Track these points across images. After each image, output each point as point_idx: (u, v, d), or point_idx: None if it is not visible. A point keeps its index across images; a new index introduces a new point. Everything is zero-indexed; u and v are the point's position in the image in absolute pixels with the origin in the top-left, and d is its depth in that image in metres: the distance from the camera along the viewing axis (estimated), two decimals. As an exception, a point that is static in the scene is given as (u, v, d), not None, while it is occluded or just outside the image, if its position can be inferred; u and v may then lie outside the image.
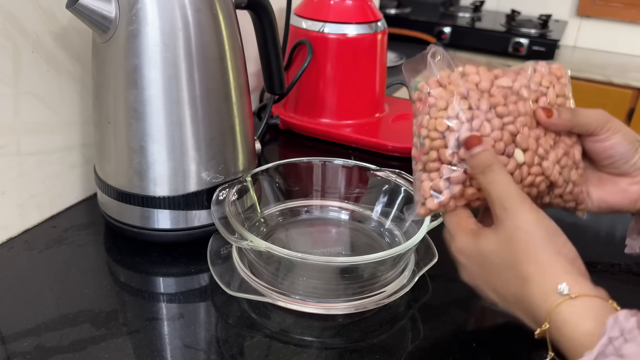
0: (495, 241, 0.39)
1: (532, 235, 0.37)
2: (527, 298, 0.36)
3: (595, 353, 0.30)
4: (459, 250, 0.42)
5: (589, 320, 0.33)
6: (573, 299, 0.34)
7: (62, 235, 0.61)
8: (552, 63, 0.50)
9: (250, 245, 0.48)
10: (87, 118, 0.65)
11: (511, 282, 0.38)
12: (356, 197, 0.65)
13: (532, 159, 0.45)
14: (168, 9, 0.51)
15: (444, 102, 0.45)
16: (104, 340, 0.47)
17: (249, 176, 0.60)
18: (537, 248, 0.37)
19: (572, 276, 0.36)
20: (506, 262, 0.38)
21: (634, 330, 0.30)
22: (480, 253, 0.40)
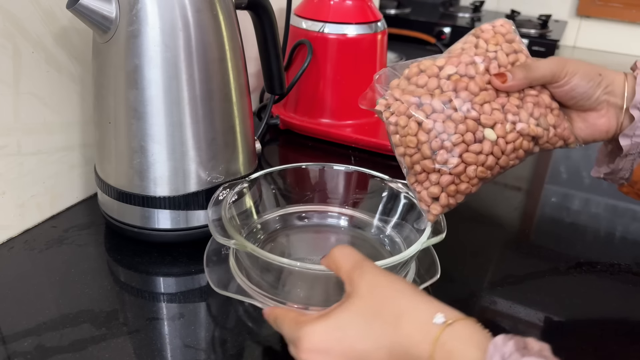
0: (356, 298, 0.37)
1: (387, 277, 0.38)
2: (405, 338, 0.34)
3: None
4: (313, 346, 0.36)
5: (471, 347, 0.32)
6: (451, 326, 0.33)
7: (62, 235, 0.61)
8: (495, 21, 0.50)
9: (235, 246, 0.48)
10: (87, 118, 0.65)
11: (384, 332, 0.35)
12: (356, 202, 0.64)
13: (504, 129, 0.46)
14: (168, 9, 0.51)
15: (404, 120, 0.46)
16: (104, 340, 0.47)
17: (249, 179, 0.60)
18: (399, 284, 0.37)
19: (435, 303, 0.36)
20: (373, 309, 0.36)
21: (513, 354, 0.30)
22: (340, 325, 0.36)
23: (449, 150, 0.46)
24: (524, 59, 0.49)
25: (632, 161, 0.51)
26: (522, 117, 0.46)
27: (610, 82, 0.49)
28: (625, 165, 0.52)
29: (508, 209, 0.46)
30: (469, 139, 0.45)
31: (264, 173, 0.61)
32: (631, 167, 0.52)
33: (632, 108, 0.48)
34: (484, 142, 0.45)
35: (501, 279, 0.57)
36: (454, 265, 0.57)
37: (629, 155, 0.51)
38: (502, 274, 0.58)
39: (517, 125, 0.46)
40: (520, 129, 0.46)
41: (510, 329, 0.51)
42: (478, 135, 0.45)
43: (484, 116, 0.45)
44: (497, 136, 0.45)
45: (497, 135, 0.45)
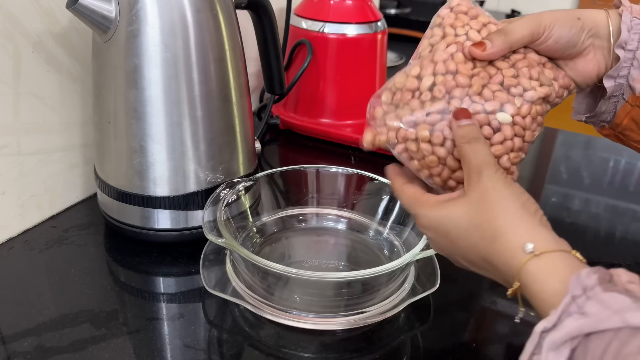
0: (465, 204, 0.39)
1: (501, 191, 0.38)
2: (496, 257, 0.37)
3: (559, 312, 0.31)
4: (426, 225, 0.42)
5: (553, 278, 0.34)
6: (538, 257, 0.35)
7: (62, 235, 0.61)
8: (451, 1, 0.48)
9: (224, 244, 0.48)
10: (87, 118, 0.65)
11: (481, 242, 0.38)
12: (355, 205, 0.64)
13: (515, 106, 0.43)
14: (168, 9, 0.51)
15: (413, 144, 0.43)
16: (104, 340, 0.47)
17: (249, 179, 0.60)
18: (505, 203, 0.38)
19: (536, 230, 0.37)
20: (475, 222, 0.39)
21: (595, 288, 0.31)
22: (448, 220, 0.40)
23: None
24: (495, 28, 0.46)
25: (615, 103, 0.50)
26: (524, 85, 0.44)
27: (592, 25, 0.47)
28: (608, 108, 0.50)
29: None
30: (487, 132, 0.42)
31: (263, 174, 0.61)
32: (614, 110, 0.50)
33: (616, 47, 0.47)
34: (503, 128, 0.43)
35: (501, 279, 0.57)
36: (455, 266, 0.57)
37: (612, 97, 0.49)
38: (502, 274, 0.58)
39: (525, 96, 0.44)
40: (530, 98, 0.44)
41: (510, 329, 0.51)
42: (494, 124, 0.43)
43: (487, 104, 0.43)
44: (511, 116, 0.43)
45: (511, 114, 0.43)
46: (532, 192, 0.82)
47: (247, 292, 0.50)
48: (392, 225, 0.61)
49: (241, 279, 0.52)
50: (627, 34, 0.46)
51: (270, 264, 0.47)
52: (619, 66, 0.47)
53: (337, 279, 0.50)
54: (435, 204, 0.41)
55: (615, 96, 0.49)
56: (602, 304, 0.30)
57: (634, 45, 0.46)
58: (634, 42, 0.46)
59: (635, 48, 0.46)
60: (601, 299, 0.30)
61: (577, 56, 0.48)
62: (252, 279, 0.51)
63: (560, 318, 0.31)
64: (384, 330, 0.50)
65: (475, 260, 0.39)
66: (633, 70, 0.47)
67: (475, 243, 0.39)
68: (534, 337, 0.31)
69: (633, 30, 0.46)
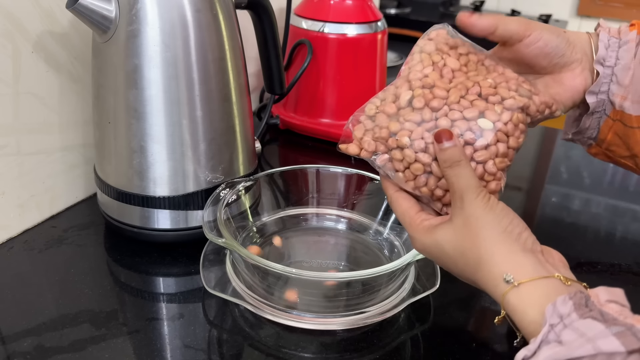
0: (451, 231, 0.40)
1: (481, 220, 0.39)
2: (482, 285, 0.39)
3: (538, 341, 0.32)
4: (419, 249, 0.43)
5: (532, 309, 0.34)
6: (517, 287, 0.35)
7: (62, 235, 0.61)
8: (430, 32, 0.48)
9: (224, 244, 0.48)
10: (87, 118, 0.65)
11: (467, 269, 0.39)
12: (355, 205, 0.64)
13: (495, 112, 0.43)
14: (168, 9, 0.51)
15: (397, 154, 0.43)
16: (104, 340, 0.47)
17: (249, 179, 0.60)
18: (486, 231, 0.38)
19: (516, 257, 0.37)
20: (460, 249, 0.39)
21: (571, 314, 0.32)
22: (437, 247, 0.41)
23: None
24: (476, 58, 0.47)
25: (598, 119, 0.51)
26: (503, 94, 0.44)
27: (578, 40, 0.49)
28: (592, 124, 0.51)
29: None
30: (470, 137, 0.42)
31: (263, 174, 0.61)
32: (598, 126, 0.51)
33: (595, 64, 0.48)
34: (485, 134, 0.43)
35: (501, 279, 0.57)
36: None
37: (595, 112, 0.50)
38: (502, 274, 0.58)
39: (505, 103, 0.44)
40: (510, 105, 0.44)
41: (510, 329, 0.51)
42: (476, 129, 0.43)
43: (466, 111, 0.43)
44: (492, 122, 0.43)
45: (492, 121, 0.43)
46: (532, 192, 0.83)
47: (247, 292, 0.50)
48: (392, 225, 0.61)
49: (241, 279, 0.52)
50: (605, 51, 0.48)
51: (270, 264, 0.47)
52: (599, 82, 0.48)
53: (337, 279, 0.50)
54: (428, 228, 0.42)
55: (598, 112, 0.50)
56: (577, 332, 0.31)
57: (611, 61, 0.48)
58: (611, 59, 0.48)
59: (613, 64, 0.48)
60: (576, 327, 0.31)
61: (564, 69, 0.49)
62: (252, 279, 0.51)
63: (540, 346, 0.32)
64: (384, 330, 0.50)
65: (469, 280, 0.41)
66: (612, 86, 0.48)
67: (463, 269, 0.40)
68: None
69: (610, 47, 0.48)
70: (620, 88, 0.48)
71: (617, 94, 0.48)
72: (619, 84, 0.48)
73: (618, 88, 0.48)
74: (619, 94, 0.48)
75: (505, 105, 0.44)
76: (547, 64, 0.49)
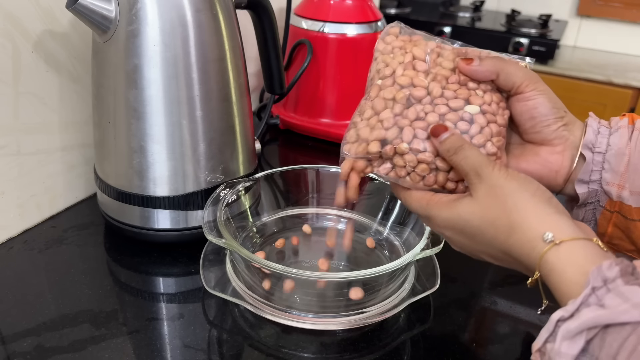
0: (474, 203, 0.39)
1: (507, 187, 0.38)
2: (516, 249, 0.37)
3: (577, 303, 0.31)
4: (441, 225, 0.42)
5: (573, 268, 0.33)
6: (558, 246, 0.34)
7: (62, 235, 0.61)
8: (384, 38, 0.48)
9: (224, 244, 0.48)
10: (87, 118, 0.65)
11: (498, 236, 0.38)
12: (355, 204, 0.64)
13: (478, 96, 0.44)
14: (168, 9, 0.51)
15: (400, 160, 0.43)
16: (104, 340, 0.47)
17: (249, 179, 0.59)
18: (514, 197, 0.37)
19: (553, 218, 0.36)
20: (488, 219, 0.38)
21: (616, 280, 0.31)
22: (461, 219, 0.40)
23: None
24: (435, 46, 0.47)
25: (593, 211, 0.47)
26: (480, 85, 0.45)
27: (573, 122, 0.46)
28: (586, 216, 0.47)
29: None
30: (464, 127, 0.43)
31: (263, 174, 0.61)
32: (594, 218, 0.47)
33: (582, 148, 0.45)
34: (476, 118, 0.43)
35: (502, 279, 0.57)
36: (455, 265, 0.57)
37: (588, 204, 0.46)
38: (502, 274, 0.58)
39: (481, 86, 0.45)
40: (485, 87, 0.45)
41: (510, 329, 0.51)
42: (467, 117, 0.44)
43: (452, 102, 0.43)
44: (479, 106, 0.44)
45: (478, 104, 0.44)
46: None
47: (247, 292, 0.50)
48: (392, 225, 0.61)
49: (241, 279, 0.52)
50: (594, 137, 0.45)
51: (270, 264, 0.47)
52: (588, 169, 0.45)
53: (337, 279, 0.50)
54: (447, 203, 0.41)
55: (592, 203, 0.46)
56: (622, 297, 0.29)
57: (602, 148, 0.45)
58: (602, 145, 0.45)
59: (604, 151, 0.45)
60: (621, 292, 0.30)
61: (545, 143, 0.46)
62: (252, 279, 0.51)
63: (579, 308, 0.30)
64: (384, 330, 0.50)
65: (496, 254, 0.39)
66: (605, 174, 0.45)
67: (492, 238, 0.38)
68: (550, 324, 0.31)
69: (600, 134, 0.45)
70: (616, 176, 0.44)
71: (612, 183, 0.44)
72: (614, 171, 0.44)
73: (613, 176, 0.44)
74: (615, 183, 0.44)
75: (482, 87, 0.45)
76: (529, 127, 0.46)
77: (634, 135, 0.44)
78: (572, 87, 1.72)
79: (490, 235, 0.38)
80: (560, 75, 1.74)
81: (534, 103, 0.45)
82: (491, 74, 0.45)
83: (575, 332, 0.30)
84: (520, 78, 0.45)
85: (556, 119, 0.45)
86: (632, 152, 0.44)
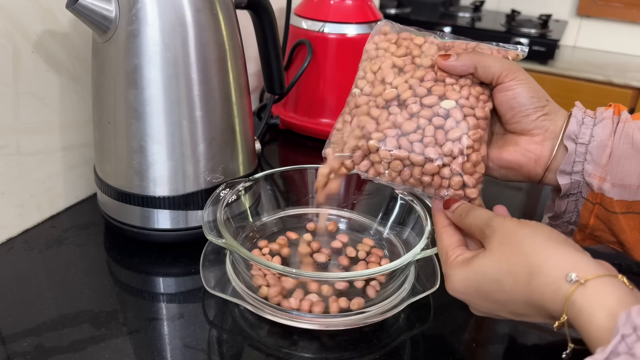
0: (489, 255, 0.38)
1: (520, 233, 0.38)
2: (539, 294, 0.35)
3: (607, 352, 0.30)
4: (456, 289, 0.41)
5: (601, 311, 0.32)
6: (583, 285, 0.33)
7: (62, 235, 0.61)
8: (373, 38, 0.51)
9: (224, 244, 0.48)
10: (87, 118, 0.65)
11: (517, 286, 0.36)
12: (355, 204, 0.64)
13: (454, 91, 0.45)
14: (168, 9, 0.51)
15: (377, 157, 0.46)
16: (104, 340, 0.47)
17: (249, 179, 0.59)
18: (530, 240, 0.37)
19: (573, 256, 0.35)
20: (505, 268, 0.37)
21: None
22: (477, 274, 0.39)
23: (434, 144, 0.45)
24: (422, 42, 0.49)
25: (575, 202, 0.47)
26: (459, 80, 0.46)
27: (555, 112, 0.46)
28: (568, 207, 0.48)
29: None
30: (438, 123, 0.44)
31: (263, 174, 0.61)
32: (576, 209, 0.47)
33: (565, 139, 0.45)
34: (452, 112, 0.44)
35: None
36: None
37: (570, 195, 0.47)
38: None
39: (460, 81, 0.46)
40: (464, 82, 0.46)
41: (510, 329, 0.51)
42: (442, 113, 0.45)
43: (425, 99, 0.45)
44: (454, 100, 0.45)
45: (454, 99, 0.45)
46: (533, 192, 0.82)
47: (247, 292, 0.50)
48: (392, 225, 0.61)
49: (241, 279, 0.52)
50: (577, 127, 0.45)
51: (270, 264, 0.47)
52: (570, 160, 0.45)
53: (337, 279, 0.50)
54: (462, 262, 0.40)
55: (574, 194, 0.47)
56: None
57: (585, 139, 0.45)
58: (585, 136, 0.45)
59: (587, 142, 0.44)
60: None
61: (524, 132, 0.47)
62: (252, 279, 0.51)
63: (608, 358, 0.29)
64: (384, 330, 0.50)
65: (516, 308, 0.38)
66: (587, 165, 0.45)
67: (512, 289, 0.37)
68: None
69: (584, 125, 0.45)
70: (597, 167, 0.44)
71: (593, 174, 0.44)
72: (595, 162, 0.44)
73: (594, 168, 0.44)
74: (597, 175, 0.44)
75: (460, 82, 0.46)
76: (509, 117, 0.47)
77: (618, 128, 0.44)
78: (572, 87, 1.72)
79: (510, 286, 0.37)
80: (560, 75, 1.74)
81: (513, 93, 0.45)
82: (468, 68, 0.46)
83: None
84: (499, 69, 0.45)
85: (535, 109, 0.46)
86: (615, 144, 0.44)
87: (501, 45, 0.50)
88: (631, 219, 0.44)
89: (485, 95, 0.47)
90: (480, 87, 0.47)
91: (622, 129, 0.44)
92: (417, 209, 0.56)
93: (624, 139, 0.44)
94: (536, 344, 0.49)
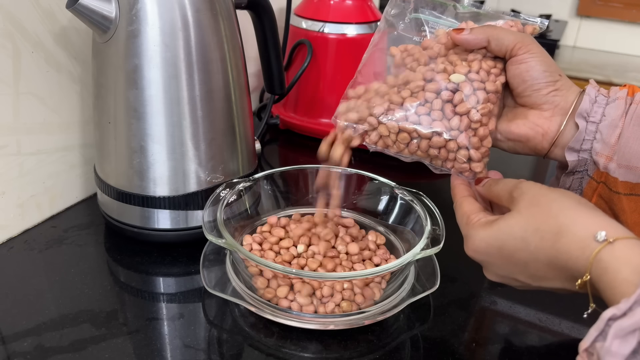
0: (516, 215, 0.39)
1: (550, 195, 0.38)
2: (564, 253, 0.35)
3: (632, 300, 0.30)
4: (474, 249, 0.41)
5: (628, 267, 0.32)
6: (612, 244, 0.33)
7: (62, 235, 0.61)
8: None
9: (224, 244, 0.48)
10: (87, 118, 0.65)
11: (541, 246, 0.37)
12: (355, 204, 0.64)
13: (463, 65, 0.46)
14: (168, 9, 0.51)
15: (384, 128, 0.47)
16: (104, 340, 0.47)
17: (249, 179, 0.59)
18: (560, 202, 0.37)
19: (602, 218, 0.35)
20: (532, 227, 0.37)
21: None
22: (500, 234, 0.39)
23: (441, 117, 0.45)
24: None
25: (580, 180, 0.47)
26: (471, 54, 0.47)
27: (567, 87, 0.46)
28: (573, 185, 0.48)
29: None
30: (447, 96, 0.45)
31: (263, 174, 0.61)
32: (579, 187, 0.47)
33: (577, 117, 0.45)
34: (461, 86, 0.45)
35: (501, 279, 0.57)
36: (455, 265, 0.57)
37: (576, 172, 0.47)
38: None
39: (469, 56, 0.46)
40: (474, 58, 0.46)
41: (510, 329, 0.51)
42: (450, 87, 0.45)
43: (438, 75, 0.46)
44: (464, 74, 0.45)
45: (463, 73, 0.45)
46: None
47: (247, 292, 0.50)
48: (392, 225, 0.61)
49: (241, 279, 0.52)
50: (590, 105, 0.45)
51: (270, 264, 0.47)
52: (580, 138, 0.45)
53: (337, 279, 0.50)
54: (486, 223, 0.41)
55: (580, 172, 0.47)
56: None
57: (596, 117, 0.45)
58: (597, 114, 0.45)
59: (598, 120, 0.45)
60: None
61: (534, 106, 0.47)
62: (252, 279, 0.51)
63: (632, 307, 0.29)
64: (384, 330, 0.50)
65: (537, 270, 0.38)
66: (596, 144, 0.45)
67: (536, 248, 0.37)
68: (600, 323, 0.30)
69: (597, 103, 0.45)
70: (606, 147, 0.44)
71: (601, 154, 0.45)
72: (604, 142, 0.44)
73: (603, 147, 0.44)
74: (604, 154, 0.44)
75: (470, 58, 0.46)
76: (521, 90, 0.47)
77: (630, 109, 0.44)
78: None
79: (535, 245, 0.37)
80: (560, 75, 1.74)
81: (526, 66, 0.46)
82: (481, 41, 0.46)
83: (627, 331, 0.29)
84: (512, 41, 0.45)
85: (547, 83, 0.46)
86: (625, 125, 0.44)
87: (521, 16, 0.50)
88: (633, 200, 0.45)
89: (498, 69, 0.47)
90: (492, 60, 0.47)
91: (634, 111, 0.44)
92: (417, 209, 0.56)
93: (635, 120, 0.44)
94: (536, 344, 0.49)
